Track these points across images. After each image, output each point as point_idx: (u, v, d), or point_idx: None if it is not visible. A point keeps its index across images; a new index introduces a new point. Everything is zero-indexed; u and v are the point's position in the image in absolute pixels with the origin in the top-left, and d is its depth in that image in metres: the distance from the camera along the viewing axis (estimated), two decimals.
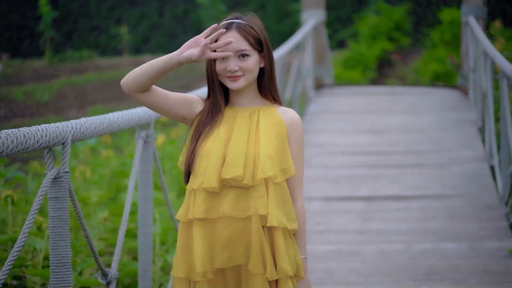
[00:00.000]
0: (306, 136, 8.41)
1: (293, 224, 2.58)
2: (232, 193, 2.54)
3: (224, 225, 2.54)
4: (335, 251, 5.27)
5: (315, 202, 6.35)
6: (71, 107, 16.37)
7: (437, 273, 4.76)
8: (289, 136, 2.62)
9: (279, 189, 2.57)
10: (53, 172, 2.73)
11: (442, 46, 14.63)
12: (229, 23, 2.58)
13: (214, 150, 2.55)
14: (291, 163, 2.59)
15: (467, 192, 6.35)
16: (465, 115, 8.93)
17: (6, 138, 2.35)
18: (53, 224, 2.76)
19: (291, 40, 8.88)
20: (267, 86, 2.64)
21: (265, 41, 2.61)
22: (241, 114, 2.61)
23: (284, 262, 2.54)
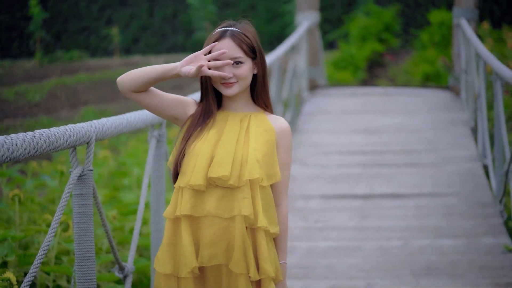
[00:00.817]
0: (301, 136, 8.57)
1: (275, 228, 2.62)
2: (217, 193, 2.58)
3: (208, 223, 2.58)
4: (336, 247, 5.41)
5: (314, 200, 6.50)
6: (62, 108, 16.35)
7: (436, 268, 4.91)
8: (278, 143, 2.67)
9: (264, 193, 2.61)
10: (78, 170, 2.85)
11: (432, 47, 14.79)
12: (223, 31, 2.63)
13: (202, 150, 2.60)
14: (277, 169, 2.64)
15: (461, 190, 6.51)
16: (457, 115, 9.10)
17: (39, 138, 2.47)
18: (78, 219, 2.89)
19: (286, 42, 9.02)
20: (259, 92, 2.70)
21: (259, 49, 2.67)
22: (233, 118, 2.67)
23: (266, 263, 2.58)
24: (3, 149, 2.23)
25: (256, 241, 2.59)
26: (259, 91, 2.69)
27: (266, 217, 2.59)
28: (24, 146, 2.35)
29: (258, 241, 2.59)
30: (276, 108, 7.93)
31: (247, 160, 2.58)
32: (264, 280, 2.60)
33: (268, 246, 2.60)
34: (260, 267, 2.59)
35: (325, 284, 4.74)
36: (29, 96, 17.04)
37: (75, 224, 2.90)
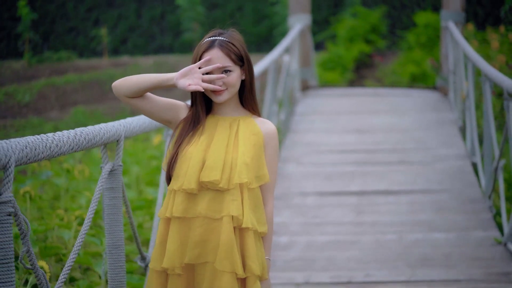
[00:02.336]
0: (295, 135, 8.84)
1: (263, 227, 2.73)
2: (208, 195, 2.69)
3: (199, 223, 2.68)
4: (334, 241, 5.67)
5: (310, 197, 6.76)
6: (52, 108, 16.38)
7: (430, 260, 5.18)
8: (265, 146, 2.77)
9: (253, 194, 2.72)
10: (109, 166, 3.10)
11: (418, 48, 15.05)
12: (212, 41, 2.73)
13: (194, 154, 2.70)
14: (265, 171, 2.75)
15: (451, 187, 6.80)
16: (446, 115, 9.41)
17: (80, 136, 2.71)
18: (108, 211, 3.13)
19: (281, 44, 9.29)
20: (247, 97, 2.81)
21: (246, 56, 2.77)
22: (222, 122, 2.78)
23: (253, 262, 2.69)
24: (52, 145, 2.46)
25: (244, 240, 2.70)
26: (247, 96, 2.81)
27: (254, 217, 2.70)
28: (69, 142, 2.59)
29: (246, 240, 2.69)
30: (272, 107, 8.18)
31: (237, 164, 2.69)
32: (249, 278, 2.70)
33: (256, 245, 2.71)
34: (247, 265, 2.69)
35: (326, 275, 5.00)
36: (18, 96, 17.03)
37: (105, 215, 3.14)
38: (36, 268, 2.42)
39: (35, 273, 2.44)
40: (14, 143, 2.25)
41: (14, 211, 2.22)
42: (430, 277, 4.89)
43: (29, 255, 2.38)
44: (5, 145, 2.20)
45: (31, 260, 2.40)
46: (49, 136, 2.50)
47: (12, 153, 2.21)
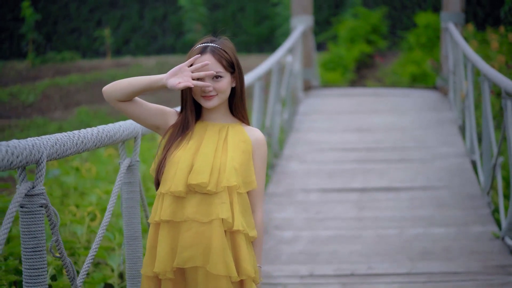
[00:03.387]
0: (298, 134, 9.04)
1: (253, 232, 2.75)
2: (196, 198, 2.69)
3: (187, 227, 2.68)
4: (337, 235, 5.87)
5: (313, 194, 6.95)
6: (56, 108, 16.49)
7: (430, 253, 5.37)
8: (254, 153, 2.79)
9: (241, 199, 2.73)
10: (127, 161, 3.29)
11: (418, 48, 15.22)
12: (204, 46, 2.76)
13: (183, 158, 2.72)
14: (254, 178, 2.77)
15: (451, 184, 6.99)
16: (446, 114, 9.61)
17: (103, 133, 2.90)
18: (126, 204, 3.32)
19: (284, 45, 9.50)
20: (237, 105, 2.83)
21: (237, 63, 2.80)
22: (211, 128, 2.79)
23: (247, 264, 2.70)
24: (79, 142, 2.65)
25: (236, 243, 2.70)
26: (237, 103, 2.82)
27: (244, 221, 2.72)
28: (93, 139, 2.78)
29: (238, 243, 2.70)
30: (275, 107, 8.37)
31: (225, 168, 2.71)
32: (245, 280, 2.72)
33: (248, 249, 2.73)
34: (241, 268, 2.70)
35: (330, 268, 5.19)
36: (22, 97, 17.17)
37: (124, 208, 3.33)
38: (65, 256, 2.61)
39: (63, 262, 2.63)
40: (45, 139, 2.44)
41: (46, 203, 2.40)
42: (430, 269, 5.08)
43: (58, 244, 2.56)
44: (38, 142, 2.38)
45: (59, 249, 2.58)
46: (75, 134, 2.68)
47: (44, 149, 2.40)
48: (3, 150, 2.15)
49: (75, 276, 2.68)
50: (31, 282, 2.36)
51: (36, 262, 2.37)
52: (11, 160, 2.19)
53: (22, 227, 2.34)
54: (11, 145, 2.22)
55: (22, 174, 2.33)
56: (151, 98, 15.17)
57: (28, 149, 2.30)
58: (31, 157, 2.30)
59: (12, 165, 2.21)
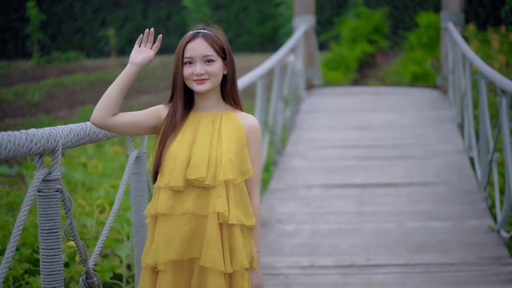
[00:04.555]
0: (300, 132, 9.22)
1: (251, 220, 2.77)
2: (194, 192, 2.71)
3: (185, 220, 2.71)
4: (337, 229, 6.04)
5: (315, 189, 7.13)
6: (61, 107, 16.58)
7: (427, 246, 5.54)
8: (248, 140, 2.80)
9: (238, 189, 2.75)
10: (135, 153, 3.46)
11: (420, 48, 15.37)
12: (196, 32, 2.78)
13: (180, 152, 2.73)
14: (249, 165, 2.77)
15: (449, 180, 7.16)
16: (445, 112, 9.79)
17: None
18: (134, 193, 3.50)
19: (286, 45, 9.68)
20: (229, 91, 2.82)
21: (228, 50, 2.80)
22: (205, 118, 2.79)
23: (241, 255, 2.72)
24: (91, 132, 2.82)
25: (233, 235, 2.73)
26: (229, 90, 2.82)
27: (241, 211, 2.75)
28: (104, 131, 2.94)
29: (234, 235, 2.73)
30: (278, 105, 8.55)
31: (221, 161, 2.72)
32: (238, 271, 2.74)
33: (244, 238, 2.75)
34: (236, 259, 2.73)
35: (330, 259, 5.36)
36: (28, 96, 17.29)
37: (132, 197, 3.50)
38: (77, 239, 2.78)
39: (76, 244, 2.80)
40: (61, 129, 2.61)
41: (61, 188, 2.57)
42: (427, 260, 5.24)
43: (72, 227, 2.73)
44: (54, 131, 2.55)
45: (73, 232, 2.75)
46: (88, 124, 2.85)
47: (60, 138, 2.57)
48: (23, 138, 2.32)
49: (87, 258, 2.84)
50: (48, 261, 2.53)
51: (52, 242, 2.53)
52: (30, 146, 2.36)
53: (39, 210, 2.51)
54: (30, 133, 2.39)
55: (40, 161, 2.49)
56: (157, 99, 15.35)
57: (45, 137, 2.47)
58: (48, 144, 2.47)
59: (31, 151, 2.37)
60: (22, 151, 2.30)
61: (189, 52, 2.75)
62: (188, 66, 2.76)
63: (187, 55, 2.75)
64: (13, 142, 2.25)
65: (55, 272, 2.54)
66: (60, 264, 2.55)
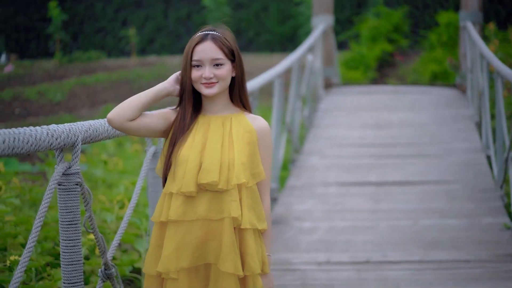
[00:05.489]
0: (318, 130, 9.29)
1: (263, 224, 2.73)
2: (207, 197, 2.67)
3: (199, 226, 2.67)
4: (353, 226, 6.12)
5: (332, 187, 7.21)
6: (83, 106, 16.74)
7: (441, 243, 5.61)
8: (259, 142, 2.76)
9: (250, 192, 2.71)
10: (153, 149, 3.56)
11: (440, 47, 15.36)
12: (205, 34, 2.72)
13: (191, 157, 2.68)
14: (261, 168, 2.74)
15: (465, 178, 7.22)
16: (463, 111, 9.83)
17: None
18: (152, 189, 3.60)
19: (305, 44, 9.77)
20: (237, 94, 2.77)
21: (237, 52, 2.75)
22: (214, 121, 2.74)
23: (253, 261, 2.68)
24: (109, 128, 2.92)
25: (244, 240, 2.69)
26: (237, 92, 2.77)
27: (254, 215, 2.71)
28: None
29: (246, 239, 2.69)
30: (296, 104, 8.63)
31: (234, 164, 2.68)
32: (249, 277, 2.70)
33: (256, 243, 2.72)
34: (247, 264, 2.69)
35: (345, 256, 5.44)
36: (50, 95, 17.46)
37: (149, 192, 3.61)
38: (96, 231, 2.89)
39: (95, 236, 2.90)
40: (80, 125, 2.72)
41: (81, 181, 2.68)
42: (441, 257, 5.31)
43: (91, 220, 2.84)
44: (74, 127, 2.66)
45: (92, 225, 2.86)
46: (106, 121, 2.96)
47: (79, 133, 2.67)
48: (44, 133, 2.43)
49: (105, 250, 2.95)
50: (68, 252, 2.63)
51: (71, 234, 2.64)
52: (51, 141, 2.47)
53: (60, 202, 2.62)
54: (51, 129, 2.49)
55: (60, 155, 2.60)
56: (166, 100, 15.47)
57: (66, 132, 2.57)
58: (68, 139, 2.58)
59: (51, 146, 2.48)
60: (43, 145, 2.41)
61: (197, 55, 2.70)
62: (197, 69, 2.71)
63: (196, 58, 2.70)
64: (35, 137, 2.35)
65: (75, 263, 2.65)
66: (79, 255, 2.65)
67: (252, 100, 6.09)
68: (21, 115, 15.75)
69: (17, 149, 2.24)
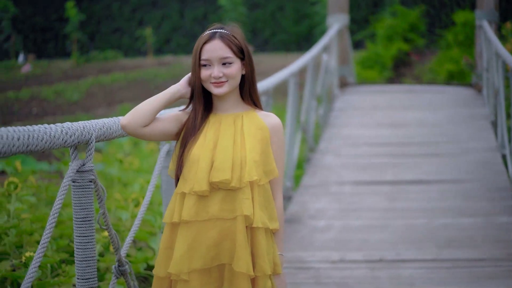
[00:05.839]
0: (333, 129, 9.30)
1: (275, 224, 2.69)
2: (219, 195, 2.63)
3: (211, 226, 2.63)
4: (367, 225, 6.12)
5: (347, 186, 7.22)
6: (99, 106, 16.81)
7: (456, 241, 5.60)
8: (271, 139, 2.72)
9: (263, 190, 2.67)
10: (166, 147, 3.58)
11: (456, 46, 15.32)
12: (213, 32, 2.68)
13: (202, 156, 2.65)
14: (274, 165, 2.70)
15: (480, 177, 7.20)
16: (479, 110, 9.80)
17: None
18: (165, 186, 3.63)
19: (319, 43, 9.77)
20: (247, 92, 2.74)
21: (246, 50, 2.71)
22: (225, 119, 2.71)
23: (264, 262, 2.64)
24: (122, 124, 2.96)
25: (255, 239, 2.65)
26: (247, 90, 2.74)
27: (266, 214, 2.67)
28: None
29: (257, 239, 2.65)
30: (310, 103, 8.64)
31: (246, 161, 2.64)
32: (259, 277, 2.65)
33: (267, 243, 2.67)
34: (257, 264, 2.64)
35: (359, 254, 5.44)
36: (67, 94, 17.56)
37: (163, 190, 3.64)
38: (110, 228, 2.91)
39: (109, 232, 2.93)
40: (94, 123, 2.74)
41: (94, 178, 2.71)
42: (456, 256, 5.30)
43: (105, 216, 2.86)
44: (88, 124, 2.69)
45: (106, 221, 2.88)
46: (120, 119, 2.98)
47: (93, 131, 2.70)
48: (58, 130, 2.46)
49: (119, 247, 2.98)
50: (82, 248, 2.66)
51: (85, 230, 2.67)
52: (65, 139, 2.49)
53: (74, 199, 2.65)
54: (65, 126, 2.52)
55: (74, 153, 2.63)
56: None
57: (80, 130, 2.60)
58: (82, 137, 2.61)
59: (66, 143, 2.51)
60: (57, 143, 2.43)
61: (206, 54, 2.66)
62: (206, 68, 2.68)
63: (204, 57, 2.66)
64: (49, 134, 2.38)
65: (89, 259, 2.68)
66: (93, 251, 2.68)
67: (266, 99, 6.11)
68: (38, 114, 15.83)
69: (31, 146, 2.26)
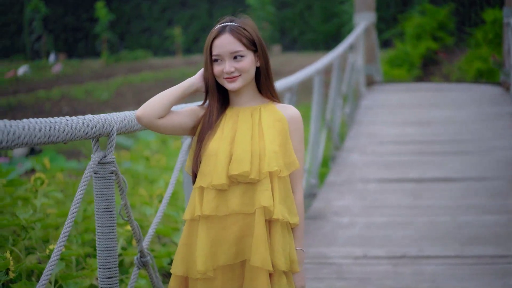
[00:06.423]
0: (359, 127, 9.32)
1: (295, 218, 2.62)
2: (239, 189, 2.57)
3: (233, 221, 2.57)
4: (391, 222, 6.14)
5: (372, 183, 7.24)
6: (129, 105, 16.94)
7: (479, 238, 5.59)
8: (290, 131, 2.65)
9: (283, 183, 2.60)
10: (188, 141, 3.64)
11: (485, 45, 15.23)
12: (222, 26, 2.61)
13: (220, 149, 2.59)
14: (294, 157, 2.62)
15: (505, 174, 7.18)
16: (506, 108, 9.75)
17: None
18: (188, 180, 3.69)
19: (346, 41, 9.79)
20: (264, 84, 2.68)
21: (259, 41, 2.63)
22: (243, 112, 2.66)
23: (278, 258, 2.56)
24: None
25: (271, 233, 2.58)
26: (263, 82, 2.67)
27: (285, 207, 2.60)
28: None
29: (272, 233, 2.58)
30: (336, 101, 8.67)
31: (265, 153, 2.58)
32: (274, 273, 2.59)
33: (284, 238, 2.60)
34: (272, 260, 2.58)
35: (382, 250, 5.46)
36: (97, 94, 17.74)
37: (185, 184, 3.70)
38: (132, 219, 2.98)
39: (130, 224, 2.99)
40: (116, 115, 2.81)
41: (116, 170, 2.77)
42: (479, 252, 5.30)
43: (126, 208, 2.93)
44: (109, 117, 2.75)
45: (128, 213, 2.95)
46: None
47: (115, 123, 2.76)
48: (80, 122, 2.53)
49: (141, 238, 3.04)
50: (103, 238, 2.73)
51: (107, 220, 2.73)
52: (87, 131, 2.56)
53: (95, 190, 2.72)
54: (86, 119, 2.59)
55: (96, 145, 2.70)
56: None
57: (101, 122, 2.66)
58: (103, 129, 2.67)
59: (87, 135, 2.57)
60: (79, 134, 2.50)
61: (216, 49, 2.60)
62: (218, 64, 2.61)
63: (215, 53, 2.60)
64: (70, 126, 2.44)
65: (110, 249, 2.74)
66: (114, 241, 2.74)
67: (290, 96, 6.15)
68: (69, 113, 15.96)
69: (53, 138, 2.32)
